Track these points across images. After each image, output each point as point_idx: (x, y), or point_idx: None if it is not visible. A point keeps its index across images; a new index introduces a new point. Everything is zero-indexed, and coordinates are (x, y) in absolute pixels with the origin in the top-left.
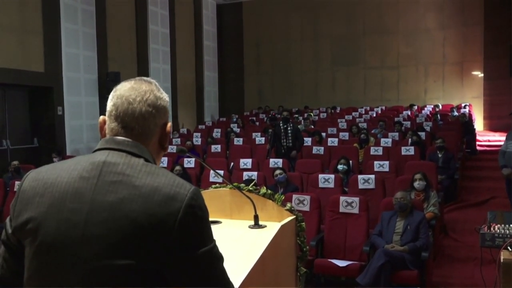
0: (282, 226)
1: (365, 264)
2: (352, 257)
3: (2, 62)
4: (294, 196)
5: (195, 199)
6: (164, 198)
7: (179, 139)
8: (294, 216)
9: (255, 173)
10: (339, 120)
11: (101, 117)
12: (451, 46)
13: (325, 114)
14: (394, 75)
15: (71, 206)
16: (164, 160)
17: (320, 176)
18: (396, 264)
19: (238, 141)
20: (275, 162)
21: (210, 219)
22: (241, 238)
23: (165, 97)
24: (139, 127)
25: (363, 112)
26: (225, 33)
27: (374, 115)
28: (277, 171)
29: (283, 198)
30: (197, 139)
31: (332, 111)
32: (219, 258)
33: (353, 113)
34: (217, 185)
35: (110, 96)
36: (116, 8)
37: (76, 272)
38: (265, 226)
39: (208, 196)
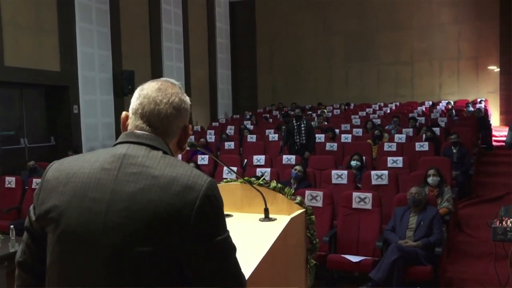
0: (292, 219)
1: (378, 259)
2: (365, 253)
3: (19, 62)
4: (307, 192)
5: (212, 190)
6: (182, 188)
7: (193, 137)
8: (304, 209)
9: (268, 170)
10: (352, 117)
11: (124, 112)
12: (466, 41)
13: (338, 111)
14: (408, 70)
15: (92, 196)
16: (178, 157)
17: (333, 172)
18: (409, 260)
19: (252, 138)
20: (288, 158)
21: None
22: (251, 231)
23: (188, 100)
24: (163, 127)
25: (377, 108)
26: (238, 30)
27: (388, 111)
28: (297, 167)
29: (293, 192)
30: (210, 136)
31: (346, 107)
32: (233, 248)
33: (367, 109)
34: (228, 179)
35: (136, 94)
36: (129, 7)
37: (96, 259)
38: (275, 219)
39: (220, 190)
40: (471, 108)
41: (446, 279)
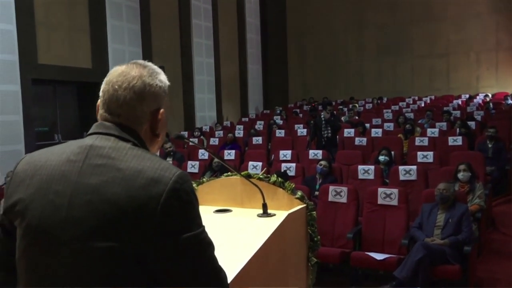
0: (290, 215)
1: (403, 257)
2: (391, 251)
3: (52, 60)
4: (331, 188)
5: (180, 183)
6: (147, 181)
7: (222, 132)
8: (304, 205)
9: (293, 165)
10: (384, 111)
11: (99, 101)
12: (505, 31)
13: (371, 105)
14: (443, 63)
15: (56, 189)
16: (205, 153)
17: (360, 167)
18: (435, 258)
19: (280, 133)
20: (315, 153)
21: (222, 207)
22: (247, 227)
23: (158, 82)
24: (125, 115)
25: (411, 102)
26: (269, 25)
27: (422, 105)
28: (322, 162)
29: (293, 186)
30: (239, 132)
31: (378, 101)
32: (207, 245)
33: (400, 103)
34: (229, 173)
35: (103, 81)
36: (159, 4)
37: (58, 254)
38: (274, 215)
39: (220, 184)
40: (510, 101)
41: (476, 280)
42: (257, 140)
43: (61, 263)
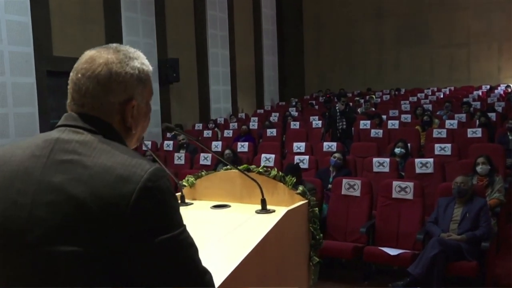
0: (289, 211)
1: (418, 253)
2: (405, 246)
3: (66, 52)
4: (344, 181)
5: (154, 181)
6: (116, 179)
7: (236, 124)
8: (306, 201)
9: (307, 157)
10: (402, 102)
11: None
12: None
13: (388, 96)
14: (464, 53)
15: (19, 187)
16: (219, 145)
17: (375, 160)
18: (451, 254)
19: (295, 125)
20: (329, 145)
21: (220, 202)
22: (244, 224)
23: (130, 70)
24: (88, 105)
25: (430, 93)
26: (285, 16)
27: (442, 96)
28: (336, 154)
29: (294, 180)
30: (253, 124)
31: (396, 92)
32: (188, 246)
33: (419, 95)
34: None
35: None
36: None
37: (21, 257)
38: (273, 211)
39: (219, 178)
40: None
41: (494, 277)
42: (271, 132)
43: (26, 266)
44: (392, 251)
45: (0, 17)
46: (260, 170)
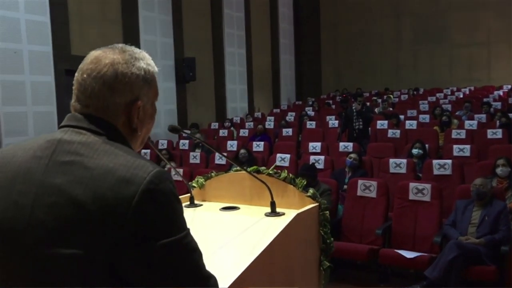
0: (299, 215)
1: (435, 256)
2: (422, 249)
3: (84, 51)
4: (360, 182)
5: (156, 183)
6: (117, 181)
7: (252, 123)
8: (316, 204)
9: (322, 157)
10: (420, 102)
11: None
12: None
13: (406, 96)
14: (484, 52)
15: (20, 188)
16: (234, 144)
17: (391, 160)
18: (469, 258)
19: (311, 125)
20: (345, 146)
21: (229, 204)
22: (253, 227)
23: (135, 70)
24: (94, 106)
25: (449, 93)
26: (302, 15)
27: (461, 96)
28: (352, 155)
29: (305, 183)
30: (269, 123)
31: (414, 92)
32: (192, 251)
33: (437, 95)
34: (237, 168)
35: None
36: None
37: (20, 259)
38: (282, 214)
39: (228, 179)
40: None
41: None
42: (287, 131)
43: (25, 268)
44: (409, 254)
45: (19, 17)
46: (270, 172)
